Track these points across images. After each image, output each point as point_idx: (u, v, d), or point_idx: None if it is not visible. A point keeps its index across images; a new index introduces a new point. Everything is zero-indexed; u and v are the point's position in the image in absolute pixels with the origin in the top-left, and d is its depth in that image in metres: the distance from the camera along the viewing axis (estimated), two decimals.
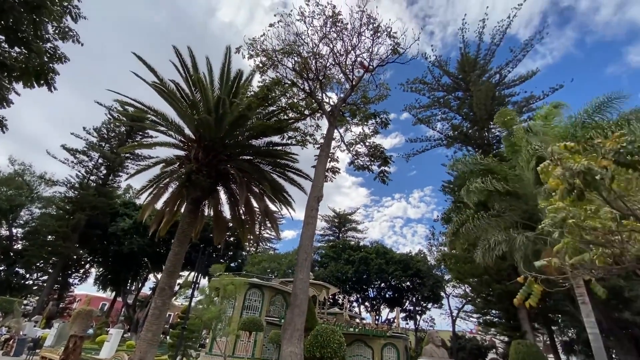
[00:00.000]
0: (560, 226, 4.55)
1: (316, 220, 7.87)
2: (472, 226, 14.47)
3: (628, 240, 4.84)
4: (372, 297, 53.41)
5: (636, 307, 17.36)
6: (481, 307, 33.11)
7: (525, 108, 28.52)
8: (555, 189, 3.68)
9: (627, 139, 3.23)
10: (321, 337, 8.52)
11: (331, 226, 70.92)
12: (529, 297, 4.42)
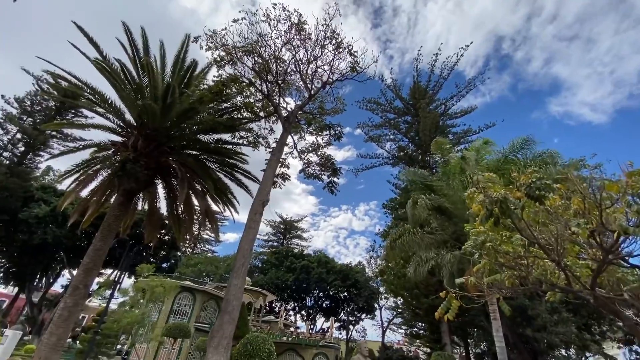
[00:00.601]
0: (480, 248, 5.03)
1: (259, 225, 7.70)
2: (407, 241, 15.43)
3: (532, 265, 5.53)
4: (309, 306, 53.47)
5: (536, 324, 19.81)
6: (409, 319, 35.11)
7: (462, 139, 31.50)
8: (478, 213, 4.07)
9: (537, 175, 3.72)
10: (251, 345, 8.24)
11: (276, 232, 70.02)
12: (448, 311, 4.78)
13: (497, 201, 3.62)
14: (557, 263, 4.19)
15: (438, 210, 15.61)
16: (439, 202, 15.10)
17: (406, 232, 15.99)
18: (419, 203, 14.70)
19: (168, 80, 12.11)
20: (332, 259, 53.74)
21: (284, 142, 9.62)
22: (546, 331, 19.46)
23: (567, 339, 20.36)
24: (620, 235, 3.36)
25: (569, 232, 4.36)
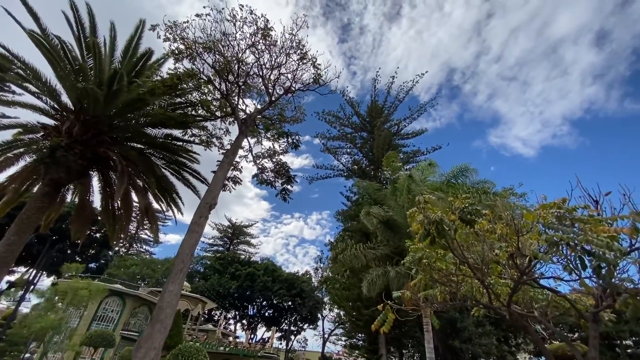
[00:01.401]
0: (417, 264, 5.35)
1: (203, 228, 7.35)
2: (349, 255, 16.10)
3: (461, 282, 6.01)
4: (251, 315, 51.87)
5: (464, 336, 21.41)
6: (350, 330, 35.69)
7: (412, 159, 33.51)
8: (417, 232, 4.35)
9: (469, 201, 4.10)
10: (182, 356, 7.75)
11: (223, 236, 67.29)
12: (384, 323, 4.97)
13: (434, 222, 3.91)
14: (481, 282, 4.61)
15: (386, 224, 16.46)
16: (387, 215, 15.94)
17: (349, 247, 16.70)
18: (371, 213, 15.45)
19: (117, 65, 11.20)
20: (279, 267, 52.97)
21: (239, 145, 9.37)
22: (471, 343, 21.12)
23: (488, 350, 22.29)
24: (532, 259, 3.82)
25: (493, 254, 4.85)
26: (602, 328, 18.91)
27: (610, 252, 2.92)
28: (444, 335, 21.98)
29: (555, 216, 3.43)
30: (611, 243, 2.92)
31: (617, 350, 23.99)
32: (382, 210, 16.23)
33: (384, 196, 17.97)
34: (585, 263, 2.99)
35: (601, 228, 3.15)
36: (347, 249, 16.45)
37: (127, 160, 11.00)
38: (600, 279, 3.07)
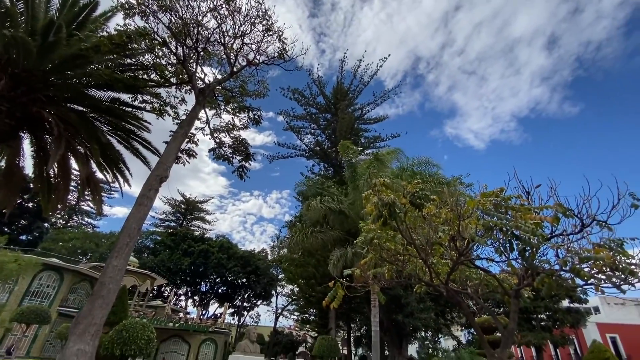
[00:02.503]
0: (368, 243, 5.60)
1: (152, 202, 6.93)
2: (301, 239, 17.10)
3: (407, 262, 6.42)
4: (203, 292, 51.16)
5: (406, 311, 23.16)
6: (302, 306, 36.90)
7: (372, 144, 34.37)
8: (371, 213, 4.52)
9: (420, 187, 4.33)
10: (127, 332, 7.46)
11: (175, 212, 64.45)
12: (334, 299, 5.19)
13: (387, 204, 4.09)
14: (424, 261, 4.96)
15: (338, 211, 17.39)
16: (331, 205, 17.11)
17: (300, 232, 17.53)
18: (311, 206, 16.65)
19: (54, 14, 9.80)
20: (235, 245, 52.37)
21: (196, 116, 8.81)
22: (413, 317, 22.96)
23: (427, 323, 24.44)
24: (470, 242, 4.19)
25: (437, 237, 5.23)
26: (522, 304, 21.60)
27: (534, 237, 3.29)
28: (389, 311, 23.61)
29: (492, 204, 3.76)
30: (536, 229, 3.29)
31: (533, 323, 27.66)
32: (328, 200, 17.23)
33: (327, 189, 18.94)
34: (513, 246, 3.35)
35: (529, 216, 3.53)
36: (298, 234, 17.39)
37: (66, 123, 9.88)
38: (524, 260, 3.46)
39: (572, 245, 4.22)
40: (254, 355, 7.44)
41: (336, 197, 17.75)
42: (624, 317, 41.39)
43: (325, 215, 17.33)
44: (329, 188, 18.58)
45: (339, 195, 17.88)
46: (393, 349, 25.43)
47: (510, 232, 3.31)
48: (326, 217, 17.38)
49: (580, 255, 3.45)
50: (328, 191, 18.36)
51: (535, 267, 3.60)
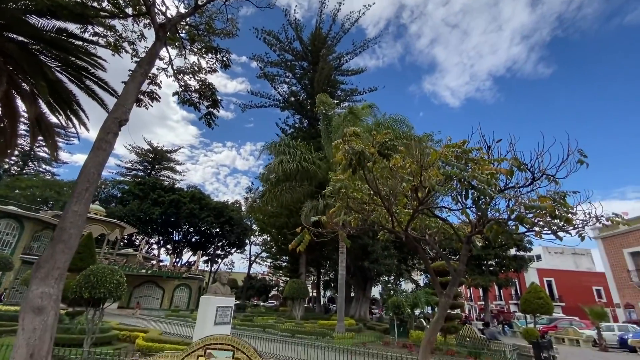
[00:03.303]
0: (336, 193, 5.73)
1: (112, 147, 6.52)
2: (274, 195, 17.59)
3: (373, 211, 6.70)
4: (176, 241, 51.54)
5: (372, 258, 24.89)
6: (275, 253, 38.49)
7: (349, 97, 33.69)
8: (340, 162, 4.55)
9: (389, 137, 4.36)
10: (94, 277, 7.48)
11: (143, 160, 61.90)
12: (300, 243, 5.41)
13: (357, 153, 4.11)
14: (388, 209, 5.20)
15: (304, 169, 17.88)
16: (302, 163, 17.86)
17: (270, 192, 19.07)
18: (281, 165, 17.61)
19: None
20: (207, 196, 51.97)
21: (156, 54, 7.99)
22: (377, 263, 24.79)
23: (390, 269, 26.55)
24: (430, 191, 4.39)
25: (402, 187, 5.44)
26: (475, 251, 23.67)
27: (488, 187, 3.50)
28: (356, 257, 25.28)
29: (454, 155, 3.89)
30: (490, 180, 3.49)
31: (483, 268, 30.91)
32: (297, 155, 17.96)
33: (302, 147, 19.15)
34: (468, 194, 3.55)
35: (486, 167, 3.71)
36: (272, 190, 17.99)
37: (5, 55, 8.67)
38: (478, 208, 3.72)
39: (522, 197, 4.57)
40: (225, 296, 7.80)
41: (306, 155, 18.08)
42: (561, 264, 47.24)
43: (296, 172, 17.70)
44: (297, 148, 18.82)
45: (307, 154, 18.21)
46: (358, 291, 27.71)
47: (467, 181, 3.49)
48: (297, 173, 17.71)
49: (526, 205, 3.74)
50: (296, 151, 18.60)
51: (486, 215, 3.88)
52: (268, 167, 20.21)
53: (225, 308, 7.80)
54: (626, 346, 17.62)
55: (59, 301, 5.59)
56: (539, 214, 3.83)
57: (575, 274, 44.35)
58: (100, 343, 9.39)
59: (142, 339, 9.85)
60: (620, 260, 28.77)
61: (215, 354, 5.24)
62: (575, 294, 38.16)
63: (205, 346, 5.31)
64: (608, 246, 30.18)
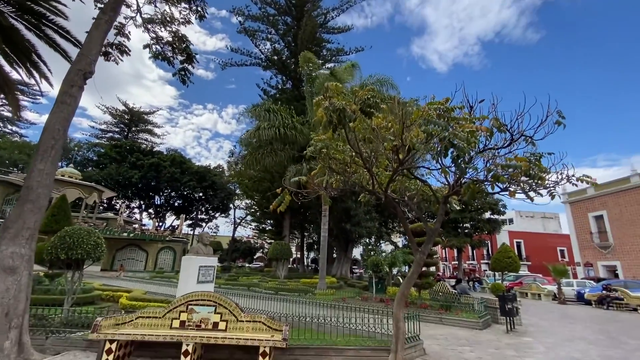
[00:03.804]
0: (318, 153, 5.64)
1: (77, 101, 6.05)
2: (255, 159, 17.60)
3: (354, 172, 6.70)
4: (158, 205, 50.92)
5: (354, 221, 25.56)
6: (259, 217, 38.87)
7: (334, 57, 32.41)
8: (321, 120, 4.42)
9: (372, 94, 4.22)
10: (70, 238, 7.31)
11: (118, 122, 58.99)
12: (281, 204, 5.39)
13: (337, 110, 3.98)
14: (369, 170, 5.19)
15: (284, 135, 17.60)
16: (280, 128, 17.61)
17: (251, 155, 18.96)
18: (260, 131, 17.41)
19: None
20: (188, 160, 50.77)
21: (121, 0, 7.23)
22: (359, 226, 25.54)
23: (370, 231, 27.46)
24: (410, 150, 4.37)
25: (383, 148, 5.39)
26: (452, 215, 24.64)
27: (468, 146, 3.50)
28: (339, 220, 25.90)
29: (436, 113, 3.82)
30: (470, 138, 3.47)
31: (458, 231, 32.49)
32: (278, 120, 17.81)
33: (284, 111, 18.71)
34: (448, 152, 3.54)
35: (467, 125, 3.68)
36: (254, 154, 17.75)
37: None
38: (457, 167, 3.74)
39: (499, 159, 4.63)
40: (207, 256, 7.87)
41: (287, 120, 17.68)
42: (530, 227, 50.23)
43: (276, 138, 17.43)
44: (277, 113, 18.38)
45: (287, 118, 17.87)
46: (340, 252, 28.75)
47: (448, 140, 3.47)
48: (280, 136, 17.40)
49: (503, 165, 3.80)
50: (275, 116, 18.16)
51: (465, 173, 3.93)
52: (247, 133, 19.78)
53: (207, 267, 7.90)
54: (582, 300, 19.41)
55: (32, 261, 5.46)
56: (514, 174, 3.90)
57: (542, 236, 47.42)
58: (83, 303, 9.46)
59: (125, 298, 9.98)
60: (584, 223, 30.80)
61: (197, 309, 5.36)
62: (541, 254, 41.08)
63: (187, 302, 5.41)
64: (575, 210, 32.09)
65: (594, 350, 7.29)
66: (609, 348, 7.51)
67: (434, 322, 9.91)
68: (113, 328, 5.10)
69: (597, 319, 13.17)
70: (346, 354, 5.48)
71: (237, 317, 5.31)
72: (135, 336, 4.91)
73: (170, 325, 5.25)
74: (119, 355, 4.93)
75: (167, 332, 5.09)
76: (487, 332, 9.04)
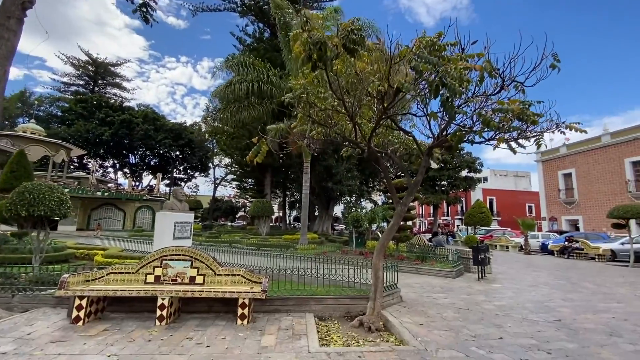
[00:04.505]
0: (297, 100, 5.20)
1: (17, 36, 5.17)
2: (231, 113, 16.75)
3: (337, 124, 6.34)
4: (134, 164, 49.02)
5: (336, 179, 25.62)
6: (241, 176, 38.33)
7: (317, 3, 30.07)
8: (299, 55, 3.94)
9: (357, 26, 3.74)
10: (30, 194, 6.76)
11: (82, 74, 54.23)
12: (258, 154, 5.04)
13: (317, 43, 3.52)
14: (351, 118, 4.85)
15: (268, 82, 16.59)
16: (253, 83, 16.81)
17: (226, 108, 18.04)
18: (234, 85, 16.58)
19: None
20: (162, 116, 48.15)
21: None
22: (341, 184, 25.68)
23: (352, 189, 27.77)
24: (398, 92, 4.04)
25: (367, 96, 5.02)
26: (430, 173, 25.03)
27: (459, 85, 3.20)
28: (321, 179, 25.89)
29: (428, 50, 3.45)
30: (463, 74, 3.17)
31: (436, 188, 33.48)
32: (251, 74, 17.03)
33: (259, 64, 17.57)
34: (438, 92, 3.24)
35: (460, 63, 3.35)
36: (228, 107, 16.87)
37: None
38: (446, 109, 3.47)
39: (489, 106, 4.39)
40: (182, 212, 7.56)
41: (262, 74, 16.63)
42: (503, 185, 52.53)
43: (252, 90, 16.44)
44: (251, 66, 17.26)
45: (262, 72, 16.88)
46: (322, 210, 29.19)
47: (439, 77, 3.15)
48: (255, 91, 16.44)
49: (494, 108, 3.56)
50: (249, 70, 17.05)
51: (453, 118, 3.68)
52: (218, 88, 18.67)
53: (184, 223, 7.64)
54: (546, 250, 20.94)
55: None
56: (506, 119, 3.70)
57: (513, 193, 49.89)
58: (56, 261, 9.13)
59: (101, 255, 9.69)
60: (554, 181, 32.38)
61: (173, 264, 5.17)
62: (511, 210, 43.48)
63: (161, 257, 5.19)
64: (546, 168, 33.51)
65: (557, 294, 7.85)
66: (571, 292, 8.11)
67: (411, 272, 10.34)
68: (83, 284, 4.87)
69: (559, 266, 14.26)
70: (326, 303, 5.56)
71: (214, 271, 5.18)
72: (107, 292, 4.70)
73: (144, 281, 5.07)
74: (91, 310, 4.75)
75: (142, 287, 4.91)
76: (459, 280, 9.54)
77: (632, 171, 25.43)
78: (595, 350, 4.01)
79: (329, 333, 4.60)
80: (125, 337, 4.11)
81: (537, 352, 3.87)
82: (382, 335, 4.52)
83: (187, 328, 4.52)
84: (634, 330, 4.89)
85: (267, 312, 5.36)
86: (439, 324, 4.98)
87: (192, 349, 3.73)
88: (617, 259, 16.54)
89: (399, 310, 5.74)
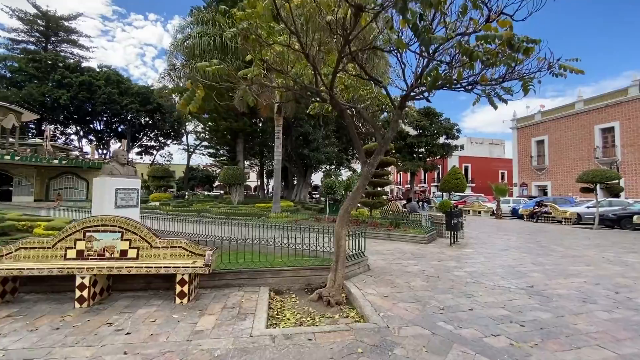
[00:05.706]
0: (243, 37, 4.24)
1: None
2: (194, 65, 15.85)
3: (301, 76, 5.43)
4: (99, 130, 45.79)
5: (313, 147, 24.75)
6: (215, 143, 36.56)
7: None
8: None
9: None
10: None
11: (32, 29, 48.29)
12: (191, 102, 4.14)
13: None
14: (307, 57, 3.99)
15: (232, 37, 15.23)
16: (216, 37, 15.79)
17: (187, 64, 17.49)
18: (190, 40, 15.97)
19: None
20: (127, 79, 44.39)
21: None
22: (318, 151, 24.87)
23: (329, 157, 27.09)
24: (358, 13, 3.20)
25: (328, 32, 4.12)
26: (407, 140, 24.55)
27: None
28: (298, 146, 24.93)
29: None
30: None
31: (414, 156, 33.33)
32: None
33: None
34: (406, 6, 2.44)
35: None
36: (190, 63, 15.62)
37: None
38: (418, 34, 2.68)
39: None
40: (126, 177, 6.61)
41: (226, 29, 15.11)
42: (478, 152, 53.43)
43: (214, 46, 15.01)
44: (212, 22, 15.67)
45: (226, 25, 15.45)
46: (299, 177, 28.52)
47: None
48: (217, 46, 14.98)
49: (479, 36, 2.81)
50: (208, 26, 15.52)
51: (428, 44, 2.91)
52: (175, 41, 17.09)
53: (128, 190, 6.72)
54: (517, 215, 21.47)
55: None
56: (492, 52, 2.98)
57: (488, 160, 50.97)
58: None
59: (42, 228, 8.67)
60: (527, 148, 32.94)
61: (99, 237, 4.34)
62: (485, 176, 44.52)
63: (84, 229, 4.34)
64: (521, 135, 33.93)
65: (527, 257, 7.71)
66: (541, 255, 8.01)
67: (383, 238, 10.02)
68: None
69: (529, 230, 14.51)
70: (284, 275, 5.01)
71: (150, 243, 4.42)
72: (10, 271, 3.87)
73: (64, 256, 4.25)
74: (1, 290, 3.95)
75: (58, 263, 4.11)
76: (432, 245, 9.31)
77: (601, 138, 26.04)
78: (570, 320, 3.67)
79: (283, 309, 4.05)
80: (29, 324, 3.37)
81: (509, 325, 3.48)
82: (342, 310, 4.03)
83: (112, 310, 3.83)
84: (607, 296, 4.66)
85: (216, 287, 4.75)
86: (406, 294, 4.55)
87: (106, 338, 3.05)
88: (582, 222, 17.12)
89: (365, 280, 5.28)
